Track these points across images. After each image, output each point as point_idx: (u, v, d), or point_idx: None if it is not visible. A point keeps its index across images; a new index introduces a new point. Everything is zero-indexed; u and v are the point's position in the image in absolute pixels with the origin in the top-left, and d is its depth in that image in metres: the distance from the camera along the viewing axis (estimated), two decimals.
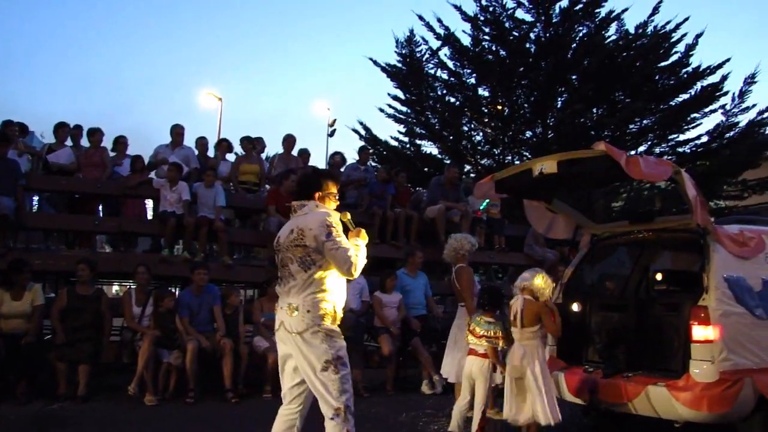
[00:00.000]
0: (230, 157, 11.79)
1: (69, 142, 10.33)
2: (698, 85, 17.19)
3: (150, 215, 10.73)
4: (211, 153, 11.66)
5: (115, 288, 17.07)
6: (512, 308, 5.59)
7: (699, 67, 17.17)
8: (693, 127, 17.64)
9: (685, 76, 17.40)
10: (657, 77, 17.53)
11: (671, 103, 17.50)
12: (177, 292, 9.61)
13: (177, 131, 10.89)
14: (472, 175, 17.68)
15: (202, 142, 11.55)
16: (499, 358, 5.78)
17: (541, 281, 5.56)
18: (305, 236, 4.05)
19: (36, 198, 10.52)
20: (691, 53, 17.22)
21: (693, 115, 17.42)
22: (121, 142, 10.88)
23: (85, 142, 10.40)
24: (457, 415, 5.93)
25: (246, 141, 11.34)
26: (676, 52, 17.43)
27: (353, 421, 3.96)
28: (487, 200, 11.63)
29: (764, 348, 5.21)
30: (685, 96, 17.34)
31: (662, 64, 17.50)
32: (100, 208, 10.56)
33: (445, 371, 7.32)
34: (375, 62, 18.85)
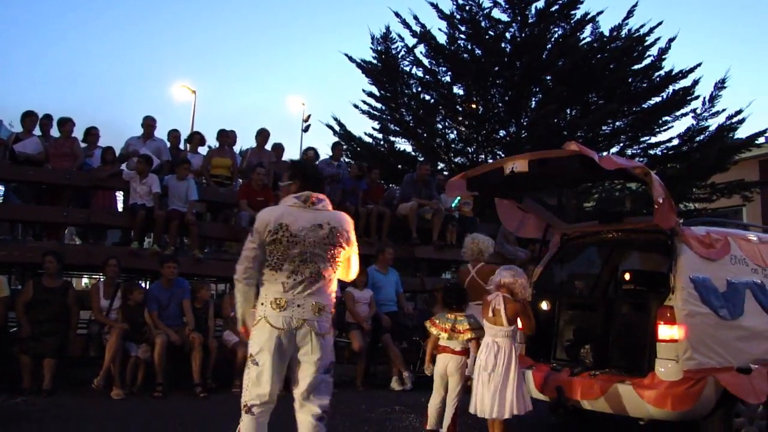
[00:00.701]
0: (202, 150, 11.70)
1: (38, 132, 10.17)
2: (670, 89, 17.39)
3: (120, 207, 10.62)
4: (182, 146, 11.56)
5: (85, 281, 16.88)
6: (489, 304, 5.47)
7: (671, 70, 17.38)
8: (664, 130, 17.86)
9: (658, 79, 17.59)
10: (630, 80, 17.71)
11: (644, 105, 17.68)
12: (146, 286, 9.53)
13: (148, 123, 10.80)
14: (445, 172, 17.71)
15: (174, 134, 11.46)
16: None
17: (523, 280, 5.55)
18: (341, 238, 4.03)
19: (2, 188, 10.34)
20: (663, 57, 17.43)
21: (665, 118, 17.61)
22: (92, 134, 10.75)
23: (55, 132, 10.25)
24: (434, 412, 5.95)
25: (223, 135, 11.24)
26: (649, 56, 17.63)
27: None
28: (459, 197, 11.68)
29: (727, 348, 5.30)
30: (658, 99, 17.53)
31: (635, 66, 17.67)
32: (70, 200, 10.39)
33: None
34: (350, 58, 18.81)
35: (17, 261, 8.98)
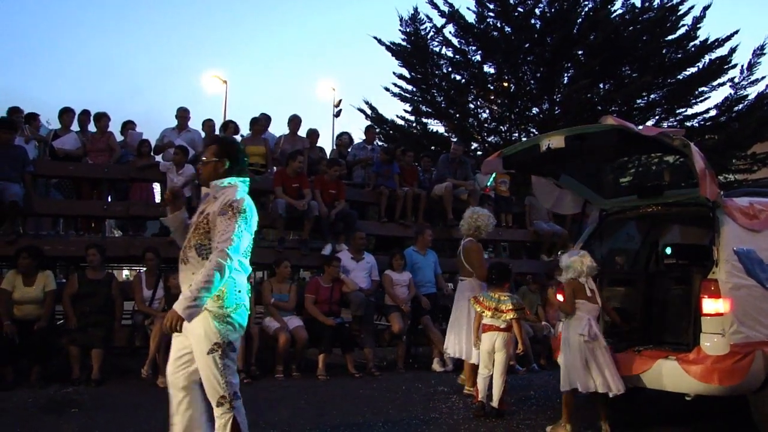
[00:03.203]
0: (236, 138, 11.74)
1: (76, 128, 10.32)
2: (706, 59, 17.11)
3: (158, 199, 10.73)
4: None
5: (126, 272, 17.14)
6: (583, 286, 5.58)
7: (707, 40, 17.07)
8: (701, 101, 17.61)
9: (693, 49, 17.30)
10: (664, 51, 17.44)
11: (679, 77, 17.42)
12: None
13: (182, 114, 10.86)
14: (479, 152, 17.65)
15: (208, 124, 11.50)
16: (522, 331, 6.10)
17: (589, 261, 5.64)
18: None
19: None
20: (698, 26, 17.12)
21: (701, 89, 17.35)
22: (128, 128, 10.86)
23: (92, 127, 10.39)
24: (484, 384, 6.15)
25: (256, 123, 11.25)
26: (683, 26, 17.32)
27: None
28: (493, 176, 11.62)
29: None
30: (693, 69, 17.26)
31: (669, 37, 17.39)
32: (109, 194, 10.52)
33: (452, 349, 7.36)
34: (380, 41, 18.80)
35: (61, 255, 9.13)
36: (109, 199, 10.34)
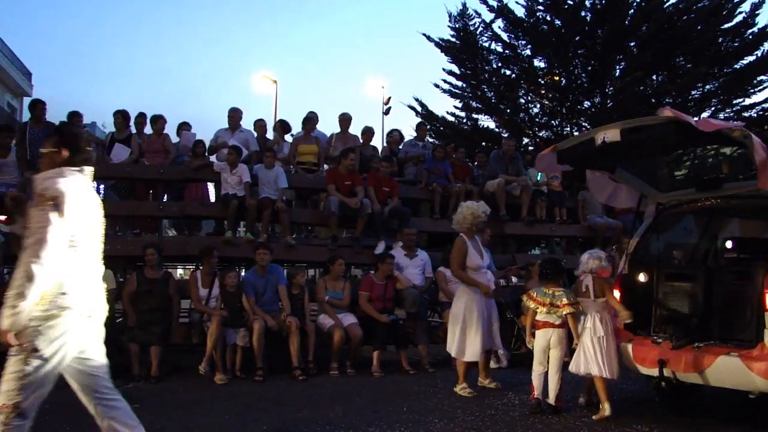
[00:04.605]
0: (288, 137, 11.86)
1: (132, 130, 10.55)
2: (765, 46, 16.64)
3: (212, 198, 10.90)
4: (269, 135, 11.75)
5: (180, 272, 17.44)
6: (581, 284, 6.05)
7: (766, 26, 16.62)
8: (759, 90, 17.16)
9: (751, 37, 16.85)
10: (720, 40, 17.02)
11: (736, 66, 16.98)
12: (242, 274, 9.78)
13: (234, 115, 11.02)
14: (530, 148, 17.51)
15: (260, 124, 11.65)
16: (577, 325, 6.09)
17: (599, 261, 6.05)
18: None
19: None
20: (757, 12, 16.67)
21: (760, 78, 16.88)
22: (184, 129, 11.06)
23: (148, 129, 10.61)
24: (539, 381, 6.13)
25: (308, 122, 11.31)
26: (740, 13, 16.90)
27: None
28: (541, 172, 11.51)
29: None
30: (751, 58, 16.81)
31: (725, 25, 16.97)
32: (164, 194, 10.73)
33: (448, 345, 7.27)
34: (428, 37, 18.78)
35: (120, 255, 9.34)
36: (165, 199, 10.54)
